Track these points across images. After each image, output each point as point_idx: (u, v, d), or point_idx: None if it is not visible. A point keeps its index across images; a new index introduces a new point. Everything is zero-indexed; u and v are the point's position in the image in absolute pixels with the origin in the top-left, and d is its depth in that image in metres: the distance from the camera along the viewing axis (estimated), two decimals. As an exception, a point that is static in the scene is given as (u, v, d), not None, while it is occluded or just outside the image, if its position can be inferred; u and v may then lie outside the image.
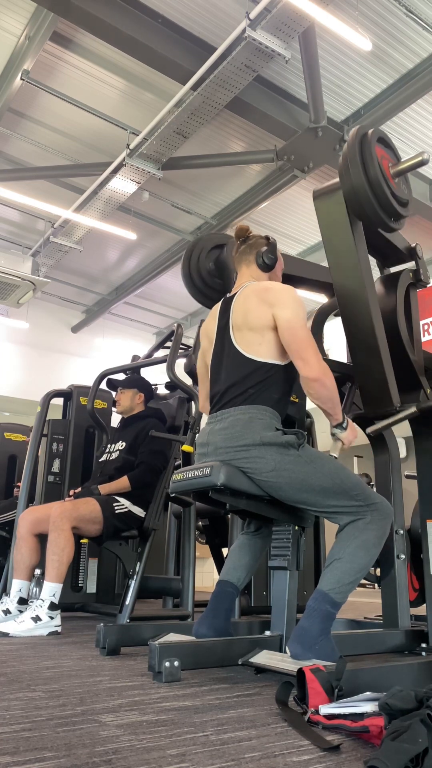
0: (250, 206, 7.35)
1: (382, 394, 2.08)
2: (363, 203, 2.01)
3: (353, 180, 1.99)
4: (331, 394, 1.95)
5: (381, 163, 2.03)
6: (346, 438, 2.04)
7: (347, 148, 2.02)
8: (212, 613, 2.02)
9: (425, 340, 5.07)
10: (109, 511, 2.91)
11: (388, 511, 1.90)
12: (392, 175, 2.07)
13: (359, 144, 2.01)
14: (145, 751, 1.07)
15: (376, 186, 1.98)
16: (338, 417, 2.01)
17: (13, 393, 9.43)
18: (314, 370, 1.91)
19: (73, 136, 6.57)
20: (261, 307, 1.99)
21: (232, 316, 2.08)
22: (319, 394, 1.93)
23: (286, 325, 1.95)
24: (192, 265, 2.63)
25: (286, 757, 1.07)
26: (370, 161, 1.99)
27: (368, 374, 2.12)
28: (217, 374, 2.09)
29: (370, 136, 2.03)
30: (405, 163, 2.09)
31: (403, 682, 1.40)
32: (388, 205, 2.03)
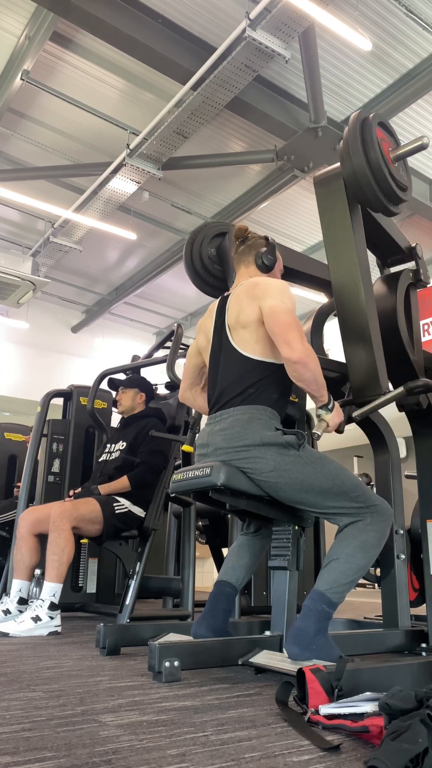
0: (250, 206, 7.35)
1: (370, 379, 2.06)
2: (363, 185, 2.02)
3: (354, 162, 2.01)
4: (315, 376, 1.90)
5: (381, 146, 2.03)
6: (331, 419, 1.98)
7: (348, 131, 2.04)
8: (210, 613, 2.02)
9: (425, 340, 5.07)
10: (109, 511, 2.91)
11: (388, 513, 1.90)
12: (392, 159, 2.08)
13: (360, 127, 2.03)
14: (145, 751, 1.07)
15: (377, 168, 2.00)
16: (324, 398, 1.96)
17: (13, 393, 9.43)
18: (297, 352, 1.85)
19: (73, 136, 6.57)
20: (251, 303, 1.99)
21: (228, 316, 2.08)
22: (302, 375, 1.89)
23: (269, 311, 1.92)
24: (194, 251, 2.63)
25: (286, 757, 1.07)
26: (370, 145, 2.01)
27: (358, 359, 2.10)
28: (215, 374, 2.09)
29: (371, 120, 2.04)
30: (405, 147, 2.10)
31: (403, 682, 1.41)
32: (388, 188, 2.04)
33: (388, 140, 2.12)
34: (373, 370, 2.05)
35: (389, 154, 2.07)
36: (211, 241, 2.66)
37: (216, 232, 2.68)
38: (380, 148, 2.03)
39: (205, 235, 2.65)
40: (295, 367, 1.87)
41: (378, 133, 2.06)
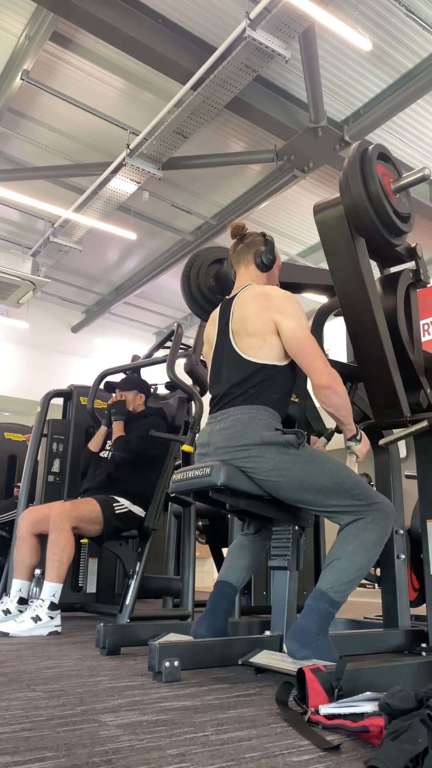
0: (250, 206, 7.35)
1: (392, 404, 2.12)
2: (363, 219, 1.99)
3: (353, 195, 1.98)
4: (343, 401, 1.99)
5: (382, 180, 2.01)
6: (360, 450, 2.09)
7: (348, 163, 2.01)
8: (211, 613, 2.02)
9: (425, 340, 5.07)
10: (109, 511, 2.91)
11: (390, 511, 1.90)
12: (393, 190, 2.06)
13: (360, 159, 1.99)
14: (145, 751, 1.07)
15: (377, 202, 1.97)
16: (352, 428, 2.05)
17: (13, 393, 9.43)
18: (324, 378, 1.95)
19: (73, 136, 6.56)
20: (262, 314, 2.00)
21: (232, 320, 2.09)
22: (331, 400, 1.97)
23: (293, 337, 1.97)
24: (192, 282, 2.63)
25: (286, 757, 1.07)
26: (370, 177, 1.97)
27: (377, 385, 2.15)
28: (217, 375, 2.09)
29: (370, 152, 2.01)
30: (406, 179, 2.08)
31: (403, 682, 1.41)
32: (389, 221, 2.01)
33: (389, 172, 2.09)
34: (394, 396, 2.11)
35: (390, 186, 2.05)
36: (209, 270, 2.64)
37: (212, 259, 2.67)
38: (380, 181, 2.00)
39: (202, 264, 2.64)
40: (325, 392, 1.96)
41: (379, 168, 2.02)
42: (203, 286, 2.63)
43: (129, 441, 3.10)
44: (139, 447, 3.09)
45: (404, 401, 2.11)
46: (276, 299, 2.02)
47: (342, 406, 1.99)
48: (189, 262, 2.66)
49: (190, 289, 2.64)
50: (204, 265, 2.65)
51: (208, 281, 2.63)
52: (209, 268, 2.65)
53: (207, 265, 2.65)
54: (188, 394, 3.41)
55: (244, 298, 2.08)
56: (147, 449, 3.11)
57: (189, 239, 8.29)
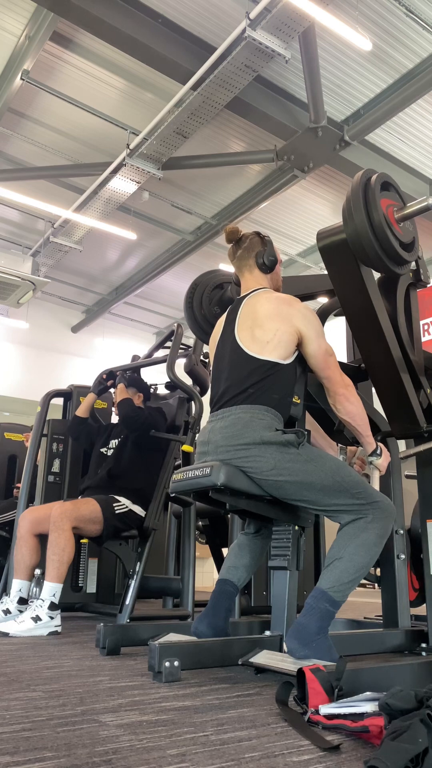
0: (250, 206, 7.35)
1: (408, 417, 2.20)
2: (367, 250, 1.99)
3: (357, 227, 1.97)
4: (359, 410, 2.05)
5: (386, 213, 1.99)
6: (382, 465, 2.13)
7: (351, 192, 1.99)
8: (212, 611, 2.02)
9: (425, 340, 5.07)
10: (109, 512, 2.91)
11: (390, 510, 1.90)
12: (397, 220, 2.05)
13: (363, 190, 1.98)
14: (145, 751, 1.07)
15: (380, 234, 1.96)
16: (372, 442, 2.11)
17: (13, 393, 9.43)
18: (340, 386, 2.03)
19: (73, 136, 6.56)
20: (282, 317, 2.03)
21: (240, 316, 2.09)
22: (346, 408, 2.03)
23: (318, 351, 2.04)
24: (196, 310, 2.64)
25: (286, 757, 1.07)
26: (374, 208, 1.96)
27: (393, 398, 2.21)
28: (219, 372, 2.10)
29: (374, 182, 2.00)
30: (410, 208, 2.06)
31: (403, 682, 1.41)
32: (393, 252, 2.01)
33: (393, 202, 2.08)
34: (410, 410, 2.18)
35: (393, 215, 2.04)
36: (211, 296, 2.65)
37: (214, 285, 2.67)
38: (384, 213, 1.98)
39: (204, 291, 2.64)
40: (339, 398, 2.04)
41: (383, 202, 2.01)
42: (208, 314, 2.64)
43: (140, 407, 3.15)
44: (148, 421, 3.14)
45: (420, 413, 2.18)
46: (299, 309, 2.07)
47: (357, 415, 2.05)
48: (190, 290, 2.67)
49: (194, 317, 2.66)
50: (206, 291, 2.66)
51: (212, 309, 2.64)
52: (212, 293, 2.66)
53: (209, 291, 2.66)
54: (188, 394, 3.41)
55: (259, 298, 2.11)
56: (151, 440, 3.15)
57: (189, 239, 8.29)
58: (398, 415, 2.24)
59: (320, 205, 7.61)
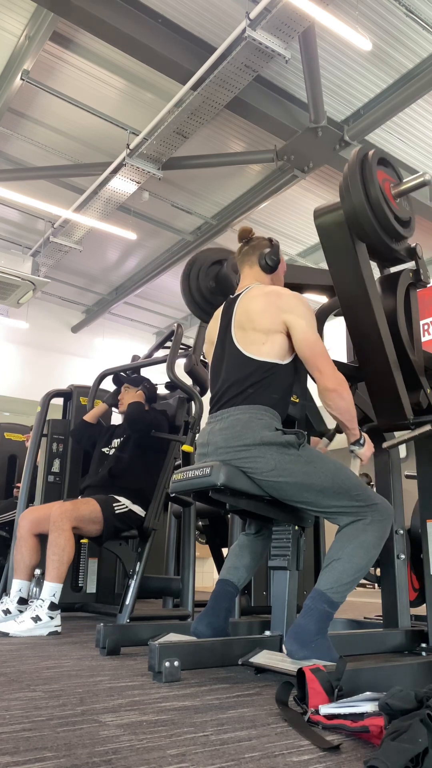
0: (250, 206, 7.35)
1: (395, 407, 2.12)
2: (363, 224, 1.99)
3: (354, 201, 1.97)
4: (348, 405, 1.99)
5: (383, 186, 2.00)
6: (364, 454, 2.08)
7: (348, 169, 2.00)
8: (212, 611, 2.03)
9: (425, 340, 5.06)
10: (109, 511, 2.91)
11: (389, 512, 1.90)
12: (393, 195, 2.05)
13: (360, 165, 1.98)
14: (145, 751, 1.07)
15: (377, 207, 1.96)
16: (356, 433, 2.05)
17: (13, 393, 9.43)
18: (331, 381, 1.95)
19: (73, 136, 6.56)
20: (271, 311, 2.00)
21: (235, 316, 2.09)
22: (336, 404, 1.97)
23: (303, 337, 1.98)
24: (192, 284, 2.63)
25: (286, 757, 1.07)
26: (370, 182, 1.96)
27: (380, 388, 2.16)
28: (217, 373, 2.10)
29: (370, 157, 2.00)
30: (406, 184, 2.07)
31: (403, 682, 1.41)
32: (389, 227, 2.01)
33: (389, 177, 2.09)
34: (397, 399, 2.11)
35: (390, 191, 2.05)
36: (208, 272, 2.64)
37: (212, 260, 2.67)
38: (381, 187, 2.00)
39: (201, 266, 2.64)
40: (330, 395, 1.95)
41: (379, 174, 2.02)
42: (203, 287, 2.63)
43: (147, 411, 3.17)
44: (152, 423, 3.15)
45: (407, 404, 2.12)
46: (287, 299, 2.03)
47: (346, 410, 1.99)
48: (189, 264, 2.66)
49: (190, 291, 2.64)
50: (204, 266, 2.65)
51: (208, 283, 2.63)
52: (209, 269, 2.65)
53: (207, 267, 2.65)
54: (188, 394, 3.41)
55: (251, 295, 2.09)
56: (153, 440, 3.15)
57: (189, 239, 8.29)
58: (384, 405, 2.16)
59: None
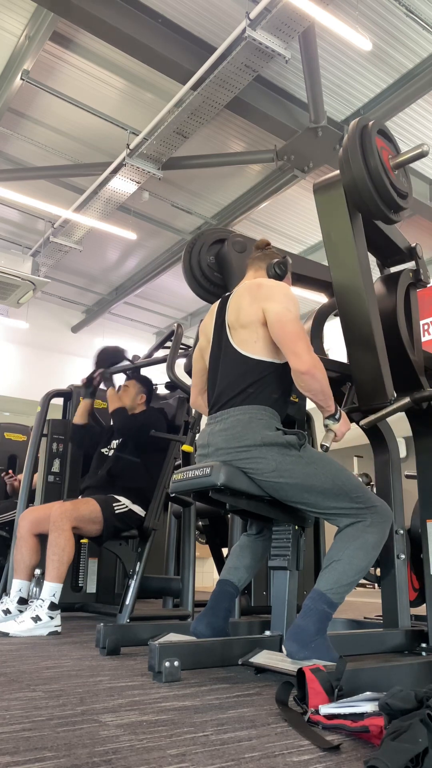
0: (250, 206, 7.35)
1: (376, 387, 2.07)
2: (363, 194, 2.01)
3: (353, 170, 1.99)
4: (322, 387, 1.92)
5: (381, 154, 2.03)
6: (338, 429, 1.99)
7: (347, 139, 2.03)
8: (212, 611, 2.03)
9: (425, 340, 5.07)
10: (109, 511, 2.91)
11: (388, 515, 1.91)
12: (392, 166, 2.07)
13: (359, 135, 2.01)
14: (145, 751, 1.07)
15: (376, 177, 1.98)
16: (330, 408, 1.97)
17: (13, 393, 9.43)
18: (305, 363, 1.87)
19: (73, 136, 6.56)
20: (252, 304, 1.99)
21: (228, 315, 2.09)
22: (309, 386, 1.90)
23: (275, 318, 1.92)
24: (193, 258, 2.63)
25: (286, 757, 1.07)
26: (370, 152, 1.99)
27: (363, 367, 2.12)
28: (215, 374, 2.09)
29: (370, 128, 2.03)
30: (405, 155, 2.10)
31: (403, 682, 1.41)
32: (388, 196, 2.03)
33: (388, 148, 2.11)
34: (379, 378, 2.06)
35: (389, 162, 2.06)
36: (210, 249, 2.65)
37: (214, 239, 2.68)
38: (380, 156, 2.02)
39: (204, 242, 2.65)
40: (304, 378, 1.89)
41: (378, 142, 2.04)
42: (203, 263, 2.64)
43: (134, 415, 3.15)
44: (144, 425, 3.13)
45: (389, 385, 2.07)
46: (266, 287, 2.01)
47: (320, 391, 1.92)
48: (192, 241, 2.68)
49: (191, 267, 2.65)
50: (206, 244, 2.66)
51: (208, 258, 2.64)
52: (211, 247, 2.67)
53: (209, 244, 2.67)
54: (188, 394, 3.40)
55: (239, 293, 2.09)
56: (152, 440, 3.14)
57: (189, 239, 8.27)
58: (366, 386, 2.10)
59: (320, 205, 7.61)
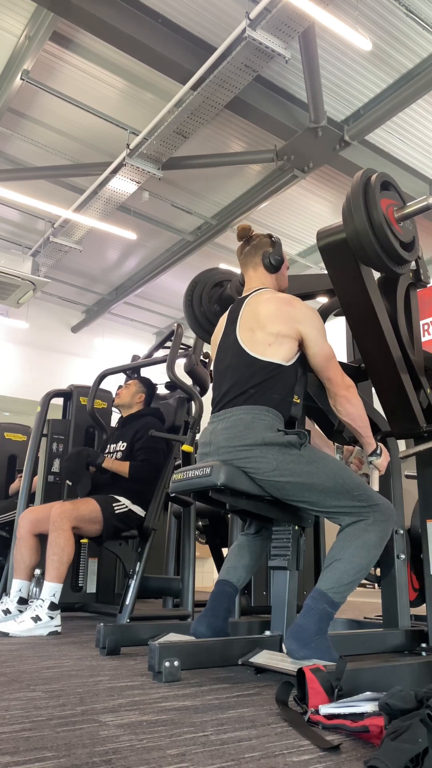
0: (250, 206, 7.35)
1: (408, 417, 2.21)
2: (366, 249, 1.98)
3: (357, 225, 1.96)
4: (360, 411, 2.05)
5: (386, 212, 1.99)
6: (381, 464, 2.13)
7: (351, 192, 1.99)
8: (211, 611, 2.02)
9: (425, 340, 5.07)
10: (109, 511, 2.91)
11: (390, 513, 1.90)
12: (397, 219, 2.04)
13: (363, 189, 1.97)
14: (145, 751, 1.07)
15: (380, 233, 1.95)
16: (372, 442, 2.10)
17: (13, 393, 9.43)
18: (341, 387, 2.03)
19: (73, 136, 6.56)
20: (283, 317, 2.03)
21: (242, 317, 2.09)
22: (347, 410, 2.03)
23: (319, 350, 2.04)
24: (196, 309, 2.64)
25: (286, 757, 1.07)
26: (373, 207, 1.95)
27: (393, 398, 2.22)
28: (221, 373, 2.10)
29: (374, 181, 1.99)
30: (410, 208, 2.06)
31: (403, 682, 1.41)
32: (393, 252, 2.00)
33: (393, 201, 2.08)
34: (410, 410, 2.19)
35: (393, 215, 2.04)
36: (211, 293, 2.65)
37: (213, 282, 2.67)
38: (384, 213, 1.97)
39: (204, 289, 2.64)
40: (341, 401, 2.04)
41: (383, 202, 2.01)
42: (208, 312, 2.64)
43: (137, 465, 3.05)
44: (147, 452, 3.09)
45: (419, 413, 2.18)
46: (301, 309, 2.07)
47: (358, 416, 2.05)
48: (190, 287, 2.67)
49: (194, 315, 2.66)
50: (206, 289, 2.65)
51: (212, 307, 2.64)
52: (211, 291, 2.66)
53: (209, 289, 2.66)
54: (188, 394, 3.41)
55: (261, 298, 2.11)
56: (154, 452, 3.12)
57: (189, 239, 8.29)
58: (398, 415, 2.24)
59: (320, 205, 7.61)
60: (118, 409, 3.48)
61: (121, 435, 3.27)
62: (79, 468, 3.07)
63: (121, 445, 3.23)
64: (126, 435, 3.22)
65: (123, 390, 3.40)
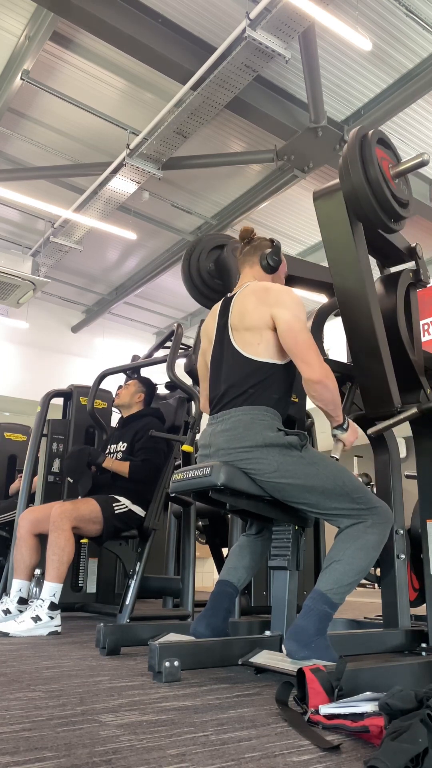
0: (250, 206, 7.35)
1: (382, 394, 2.09)
2: (363, 204, 2.00)
3: (353, 181, 1.99)
4: (333, 396, 1.96)
5: (381, 165, 2.02)
6: (347, 439, 2.05)
7: (347, 149, 2.02)
8: (211, 612, 2.02)
9: (425, 340, 5.07)
10: (109, 511, 2.90)
11: (389, 516, 1.91)
12: (392, 176, 2.07)
13: (359, 145, 2.00)
14: (145, 751, 1.07)
15: (376, 187, 1.98)
16: (339, 418, 2.02)
17: (13, 393, 9.43)
18: (316, 373, 1.91)
19: (73, 136, 6.57)
20: (259, 308, 1.99)
21: (231, 316, 2.09)
22: (321, 396, 1.94)
23: (287, 327, 1.94)
24: (192, 266, 2.63)
25: (286, 757, 1.07)
26: (370, 162, 1.98)
27: (369, 375, 2.13)
28: (217, 375, 2.09)
29: (370, 137, 2.02)
30: (405, 164, 2.09)
31: (403, 682, 1.40)
32: (388, 206, 2.02)
33: (388, 157, 2.10)
34: (385, 386, 2.08)
35: (389, 171, 2.05)
36: (209, 255, 2.65)
37: (213, 245, 2.67)
38: (380, 166, 2.00)
39: (203, 249, 2.64)
40: (315, 387, 1.92)
41: (378, 152, 2.03)
42: (203, 270, 2.63)
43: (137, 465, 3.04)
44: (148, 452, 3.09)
45: (395, 393, 2.08)
46: (274, 292, 2.02)
47: (331, 401, 1.96)
48: (190, 247, 2.67)
49: (189, 273, 2.65)
50: (205, 250, 2.65)
51: (207, 265, 2.63)
52: (210, 253, 2.66)
53: (208, 251, 2.65)
54: (188, 394, 3.41)
55: (244, 294, 2.08)
56: (155, 453, 3.12)
57: (189, 239, 8.29)
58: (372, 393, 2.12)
59: (320, 205, 7.61)
60: (118, 410, 3.48)
61: (122, 435, 3.27)
62: (80, 466, 3.07)
63: (121, 445, 3.23)
64: (126, 435, 3.22)
65: (123, 390, 3.40)
